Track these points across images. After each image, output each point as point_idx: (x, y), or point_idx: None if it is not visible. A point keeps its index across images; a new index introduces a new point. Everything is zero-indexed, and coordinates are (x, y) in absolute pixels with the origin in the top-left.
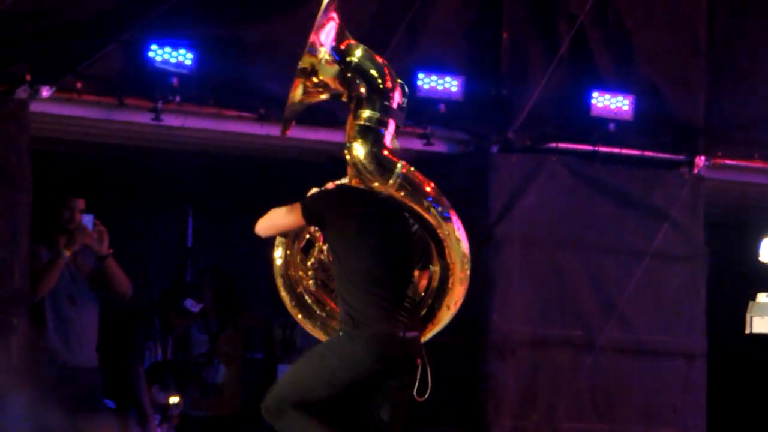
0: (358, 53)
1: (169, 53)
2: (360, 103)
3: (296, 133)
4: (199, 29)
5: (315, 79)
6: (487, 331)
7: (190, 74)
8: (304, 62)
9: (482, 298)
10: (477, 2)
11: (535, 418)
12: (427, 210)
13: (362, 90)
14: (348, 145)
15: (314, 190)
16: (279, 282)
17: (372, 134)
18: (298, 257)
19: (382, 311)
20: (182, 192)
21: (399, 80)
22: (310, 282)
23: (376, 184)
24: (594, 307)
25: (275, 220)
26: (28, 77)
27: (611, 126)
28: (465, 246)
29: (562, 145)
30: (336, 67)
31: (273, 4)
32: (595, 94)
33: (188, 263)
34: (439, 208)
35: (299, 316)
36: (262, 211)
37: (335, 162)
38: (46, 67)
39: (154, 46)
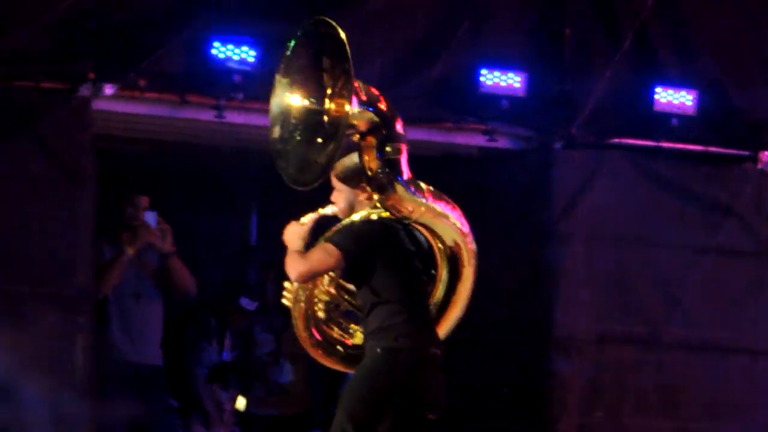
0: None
1: (232, 50)
2: (377, 137)
3: None
4: (263, 26)
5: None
6: (552, 328)
7: (253, 71)
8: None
9: (546, 296)
10: None
11: (600, 415)
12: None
13: (375, 123)
14: (371, 177)
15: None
16: (300, 324)
17: (396, 165)
18: (318, 295)
19: (414, 330)
20: (245, 189)
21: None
22: (321, 315)
23: (409, 209)
24: (658, 304)
25: (314, 267)
26: (91, 75)
27: (674, 121)
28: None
29: (625, 140)
30: (368, 114)
31: (333, 1)
32: (658, 90)
33: (251, 261)
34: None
35: (320, 352)
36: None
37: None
38: (109, 64)
39: (216, 44)
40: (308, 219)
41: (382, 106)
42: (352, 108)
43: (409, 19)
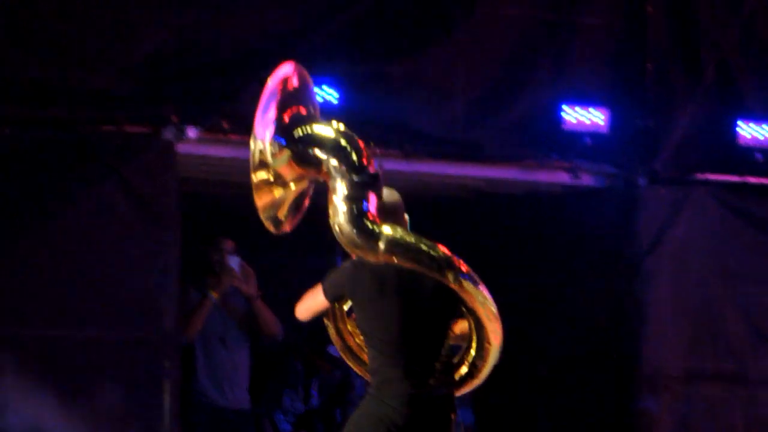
0: (308, 127)
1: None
2: (334, 178)
3: (441, 168)
4: (344, 66)
5: (272, 177)
6: (639, 365)
7: (334, 111)
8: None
9: (633, 332)
10: (620, 33)
11: None
12: (428, 266)
13: (333, 164)
14: (332, 223)
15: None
16: (346, 357)
17: (353, 208)
18: (348, 326)
19: (401, 372)
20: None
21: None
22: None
23: (370, 257)
24: (746, 339)
25: (308, 304)
26: (175, 118)
27: (758, 155)
28: (479, 288)
29: (709, 176)
30: (286, 153)
31: (418, 38)
32: (740, 123)
33: None
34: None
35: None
36: None
37: (481, 196)
38: (193, 107)
39: None
40: None
41: (341, 141)
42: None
43: (490, 58)
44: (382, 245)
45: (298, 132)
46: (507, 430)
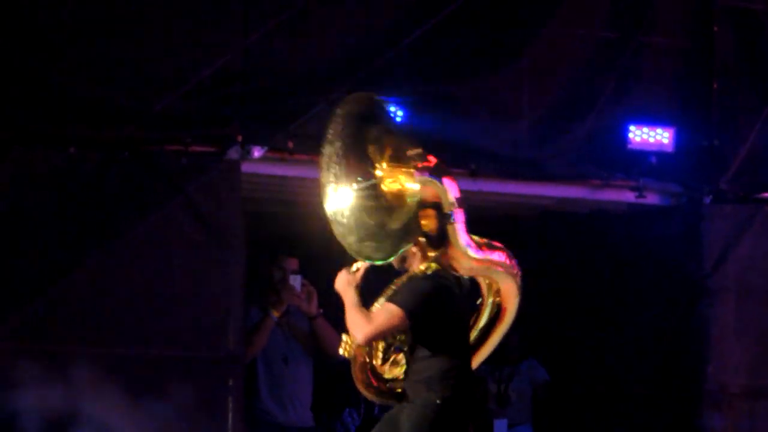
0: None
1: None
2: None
3: (508, 187)
4: (409, 86)
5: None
6: (703, 382)
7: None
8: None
9: (698, 349)
10: (686, 52)
11: None
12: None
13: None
14: (429, 236)
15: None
16: (357, 372)
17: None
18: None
19: (466, 377)
20: None
21: None
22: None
23: (465, 266)
24: None
25: (380, 329)
26: (239, 138)
27: None
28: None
29: None
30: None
31: (483, 59)
32: None
33: None
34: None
35: (371, 391)
36: None
37: (547, 215)
38: (257, 127)
39: None
40: (360, 267)
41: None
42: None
43: (555, 78)
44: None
45: None
46: None
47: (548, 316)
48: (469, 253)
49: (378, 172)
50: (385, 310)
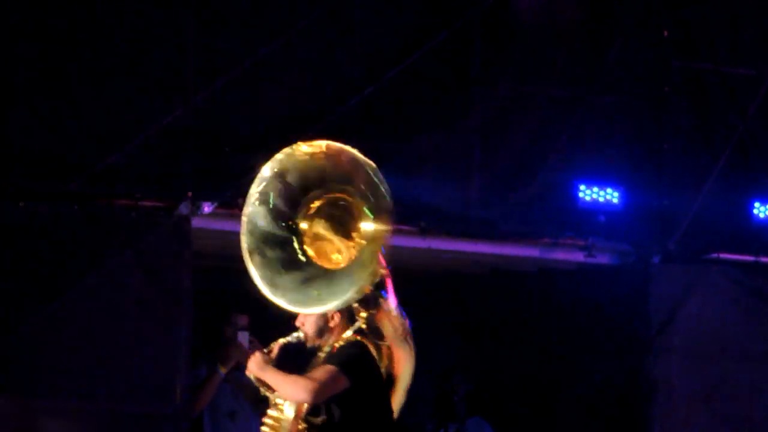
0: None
1: None
2: None
3: (457, 245)
4: (359, 143)
5: None
6: None
7: None
8: None
9: (644, 410)
10: (636, 111)
11: None
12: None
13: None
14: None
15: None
16: None
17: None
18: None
19: None
20: None
21: None
22: None
23: (396, 326)
24: (760, 420)
25: (324, 385)
26: (190, 193)
27: None
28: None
29: (723, 255)
30: None
31: (433, 117)
32: (756, 204)
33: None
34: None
35: None
36: (423, 325)
37: (496, 273)
38: (208, 183)
39: None
40: (273, 347)
41: None
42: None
43: (506, 136)
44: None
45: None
46: None
47: (494, 374)
48: (397, 314)
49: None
50: (326, 371)
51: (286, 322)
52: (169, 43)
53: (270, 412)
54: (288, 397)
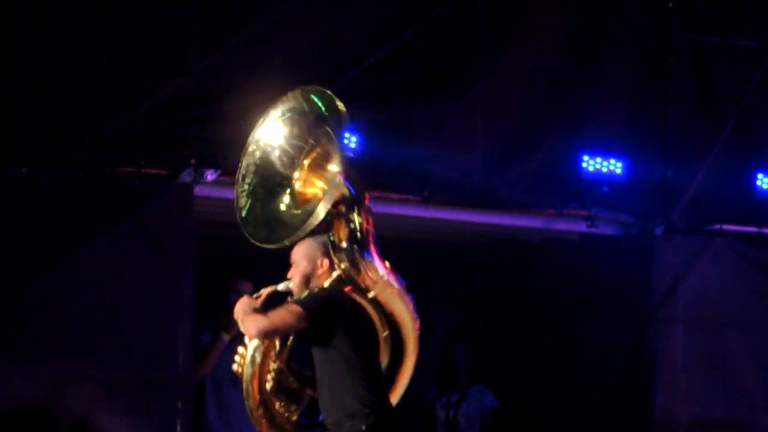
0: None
1: None
2: (346, 207)
3: (459, 215)
4: (363, 112)
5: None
6: (651, 412)
7: (354, 157)
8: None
9: (645, 380)
10: (641, 83)
11: None
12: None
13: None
14: (338, 247)
15: (305, 293)
16: (251, 389)
17: (365, 237)
18: (268, 364)
19: (387, 401)
20: None
21: None
22: (270, 385)
23: (373, 280)
24: (758, 389)
25: (275, 324)
26: (193, 161)
27: None
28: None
29: (726, 226)
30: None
31: (438, 87)
32: (759, 176)
33: None
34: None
35: (264, 421)
36: (426, 295)
37: (499, 243)
38: (211, 150)
39: None
40: (262, 293)
41: (355, 179)
42: (338, 176)
43: (510, 107)
44: (384, 280)
45: None
46: None
47: (497, 343)
48: (373, 266)
49: (295, 174)
50: (284, 308)
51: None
52: (174, 10)
53: (239, 348)
54: (245, 333)
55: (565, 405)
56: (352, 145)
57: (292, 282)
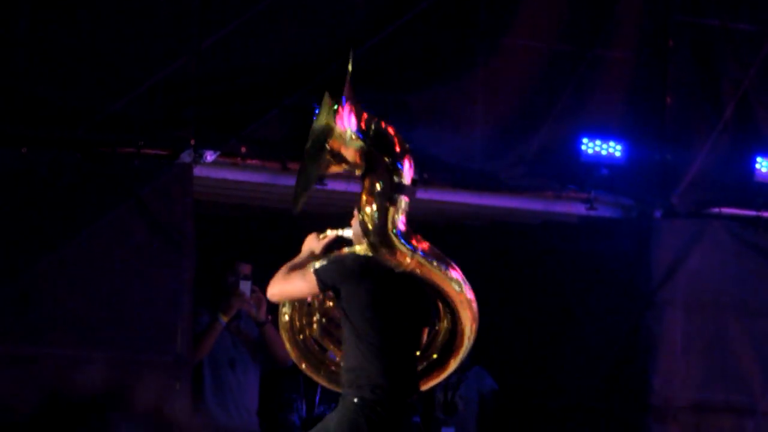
0: (373, 127)
1: None
2: (376, 177)
3: (459, 197)
4: (363, 94)
5: (336, 155)
6: (649, 396)
7: None
8: (332, 144)
9: (644, 363)
10: (640, 66)
11: None
12: (446, 280)
13: (386, 160)
14: (363, 220)
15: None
16: (285, 336)
17: (391, 210)
18: (304, 308)
19: (393, 378)
20: None
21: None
22: (314, 329)
23: (401, 260)
24: (757, 372)
25: (289, 288)
26: (192, 141)
27: None
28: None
29: (725, 210)
30: (360, 143)
31: (437, 68)
32: (759, 160)
33: None
34: (455, 275)
35: (303, 365)
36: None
37: (498, 225)
38: (211, 131)
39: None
40: (327, 235)
41: (389, 141)
42: (338, 126)
43: (510, 89)
44: (410, 257)
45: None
46: None
47: (496, 325)
48: (403, 246)
49: None
50: (301, 274)
51: None
52: None
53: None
54: None
55: (562, 388)
56: None
57: (352, 231)
